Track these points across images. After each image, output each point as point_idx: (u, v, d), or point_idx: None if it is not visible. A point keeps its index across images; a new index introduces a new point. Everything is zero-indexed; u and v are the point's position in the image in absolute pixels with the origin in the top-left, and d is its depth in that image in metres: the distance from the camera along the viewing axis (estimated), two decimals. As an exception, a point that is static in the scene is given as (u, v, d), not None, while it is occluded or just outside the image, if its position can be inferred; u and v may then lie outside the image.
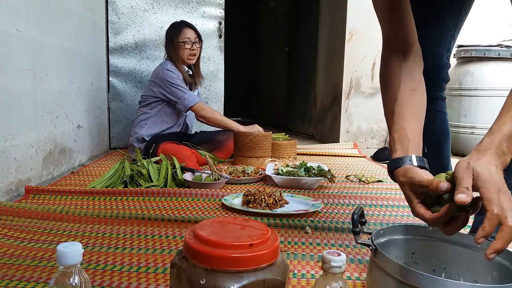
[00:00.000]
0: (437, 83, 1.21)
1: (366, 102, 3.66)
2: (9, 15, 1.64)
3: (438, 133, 1.22)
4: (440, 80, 1.22)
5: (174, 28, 2.54)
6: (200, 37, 2.56)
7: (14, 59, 1.69)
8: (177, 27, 2.53)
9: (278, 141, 2.63)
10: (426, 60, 1.12)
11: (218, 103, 3.44)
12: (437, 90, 1.22)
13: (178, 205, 1.61)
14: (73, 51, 2.38)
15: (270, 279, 0.57)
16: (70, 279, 0.60)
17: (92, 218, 1.40)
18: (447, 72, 1.23)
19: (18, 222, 1.35)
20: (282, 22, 5.52)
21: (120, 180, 1.85)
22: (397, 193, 1.91)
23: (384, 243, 0.84)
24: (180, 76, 2.47)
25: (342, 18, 3.65)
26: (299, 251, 1.16)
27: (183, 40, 2.48)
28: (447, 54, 1.21)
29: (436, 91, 1.21)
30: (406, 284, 0.67)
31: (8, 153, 1.64)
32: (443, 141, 1.23)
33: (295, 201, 1.65)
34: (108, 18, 3.13)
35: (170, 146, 2.30)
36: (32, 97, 1.86)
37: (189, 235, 0.61)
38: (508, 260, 0.75)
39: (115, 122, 3.20)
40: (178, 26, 2.54)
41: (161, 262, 1.06)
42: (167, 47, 2.55)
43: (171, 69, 2.45)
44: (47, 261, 1.04)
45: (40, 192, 1.69)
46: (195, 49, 2.52)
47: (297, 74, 5.04)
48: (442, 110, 1.24)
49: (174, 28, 2.54)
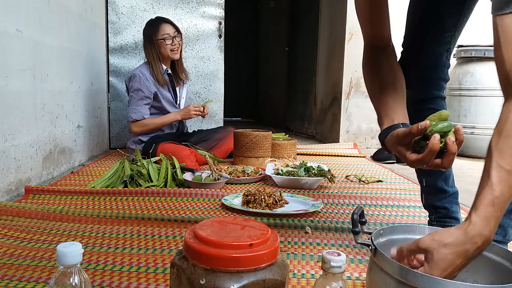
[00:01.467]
0: (435, 81, 1.21)
1: (366, 102, 3.66)
2: (9, 15, 1.64)
3: None
4: (438, 79, 1.21)
5: (152, 26, 2.49)
6: (179, 31, 2.52)
7: (14, 59, 1.69)
8: (154, 25, 2.48)
9: (278, 141, 2.63)
10: (424, 59, 1.18)
11: (218, 103, 3.44)
12: (436, 89, 1.21)
13: (178, 205, 1.61)
14: (73, 51, 2.38)
15: (270, 279, 0.57)
16: (70, 279, 0.60)
17: (92, 218, 1.40)
18: (447, 71, 1.22)
19: (18, 222, 1.35)
20: (282, 22, 5.52)
21: (120, 180, 1.85)
22: (397, 193, 1.91)
23: (384, 243, 0.83)
24: (147, 85, 2.41)
25: (342, 18, 3.65)
26: (299, 251, 1.16)
27: (163, 37, 2.44)
28: (446, 54, 1.20)
29: (435, 90, 1.21)
30: (406, 284, 0.67)
31: (8, 153, 1.64)
32: None
33: (295, 201, 1.65)
34: (108, 18, 3.13)
35: (169, 146, 2.30)
36: (32, 97, 1.86)
37: (189, 235, 0.61)
38: (508, 260, 0.75)
39: (115, 122, 3.20)
40: (155, 23, 2.49)
41: (161, 262, 1.06)
42: (146, 47, 2.49)
43: (141, 77, 2.40)
44: (47, 261, 1.04)
45: (40, 192, 1.69)
46: (176, 44, 2.48)
47: (297, 74, 5.04)
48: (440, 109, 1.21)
49: (152, 26, 2.49)
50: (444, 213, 1.25)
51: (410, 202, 1.75)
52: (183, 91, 2.67)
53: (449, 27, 1.18)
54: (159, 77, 2.45)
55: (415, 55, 1.20)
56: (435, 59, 1.19)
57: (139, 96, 2.40)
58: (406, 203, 1.73)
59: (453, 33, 1.19)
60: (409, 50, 1.23)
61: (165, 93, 2.51)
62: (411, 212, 1.61)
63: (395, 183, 2.15)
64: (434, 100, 1.21)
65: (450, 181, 1.25)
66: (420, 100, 1.21)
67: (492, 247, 0.79)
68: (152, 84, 2.44)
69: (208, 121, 3.36)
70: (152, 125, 2.44)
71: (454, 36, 1.20)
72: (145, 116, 2.41)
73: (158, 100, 2.47)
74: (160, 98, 2.48)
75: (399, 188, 2.02)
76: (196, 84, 3.36)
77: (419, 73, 1.21)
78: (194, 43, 3.32)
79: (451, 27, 1.18)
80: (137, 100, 2.41)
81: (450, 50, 1.21)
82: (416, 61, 1.20)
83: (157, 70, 2.46)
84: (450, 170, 1.24)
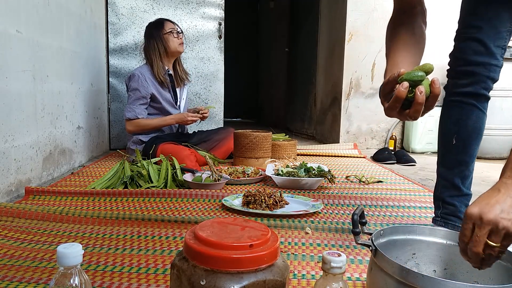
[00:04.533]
0: (483, 80, 1.14)
1: (366, 102, 3.66)
2: (9, 16, 1.64)
3: (470, 129, 1.18)
4: (487, 78, 1.14)
5: (157, 24, 2.53)
6: (181, 30, 2.57)
7: (14, 60, 1.69)
8: (159, 22, 2.54)
9: (278, 142, 2.63)
10: (476, 55, 1.12)
11: (218, 103, 3.44)
12: (482, 88, 1.15)
13: (178, 206, 1.61)
14: (73, 52, 2.38)
15: (270, 280, 0.57)
16: (70, 280, 0.60)
17: (92, 219, 1.40)
18: (499, 71, 1.15)
19: (18, 223, 1.35)
20: (282, 22, 5.52)
21: (120, 181, 1.85)
22: (397, 194, 1.91)
23: (384, 244, 0.83)
24: (145, 85, 2.42)
25: (342, 18, 3.65)
26: (299, 251, 1.16)
27: (170, 30, 2.49)
28: (501, 52, 1.13)
29: (481, 89, 1.15)
30: (406, 284, 0.67)
31: (8, 154, 1.64)
32: (473, 139, 1.19)
33: (295, 202, 1.65)
34: (108, 19, 3.13)
35: (169, 146, 2.31)
36: (32, 98, 1.86)
37: (189, 236, 0.61)
38: (508, 260, 0.75)
39: (115, 123, 3.20)
40: (158, 21, 2.55)
41: (161, 263, 1.06)
42: (149, 46, 2.50)
43: (140, 77, 2.42)
44: (47, 262, 1.04)
45: (40, 193, 1.69)
46: (181, 38, 2.53)
47: (297, 75, 5.04)
48: (482, 109, 1.18)
49: (157, 24, 2.53)
50: (452, 210, 1.23)
51: (410, 202, 1.75)
52: (184, 92, 2.67)
53: (503, 22, 1.11)
54: (161, 76, 2.46)
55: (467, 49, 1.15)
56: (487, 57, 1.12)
57: (136, 96, 2.42)
58: (407, 204, 1.72)
59: (510, 28, 1.12)
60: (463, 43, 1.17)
61: (165, 93, 2.51)
62: (411, 213, 1.61)
63: (395, 184, 2.15)
64: (477, 97, 1.16)
65: (467, 182, 1.22)
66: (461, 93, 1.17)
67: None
68: (151, 85, 2.44)
69: (208, 121, 3.35)
70: (146, 126, 2.44)
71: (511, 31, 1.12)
72: (139, 116, 2.41)
73: (158, 101, 2.47)
74: (160, 99, 2.48)
75: (399, 189, 2.02)
76: (196, 85, 3.36)
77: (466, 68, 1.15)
78: (194, 43, 3.32)
79: (505, 22, 1.11)
80: (133, 100, 2.42)
81: (505, 47, 1.14)
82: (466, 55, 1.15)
83: (159, 69, 2.47)
84: (470, 172, 1.22)
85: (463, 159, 1.19)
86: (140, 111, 2.42)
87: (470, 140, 1.18)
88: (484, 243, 0.70)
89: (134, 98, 2.42)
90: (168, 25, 2.51)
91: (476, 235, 0.70)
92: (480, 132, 1.19)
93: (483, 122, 1.19)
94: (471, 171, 1.21)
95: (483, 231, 0.70)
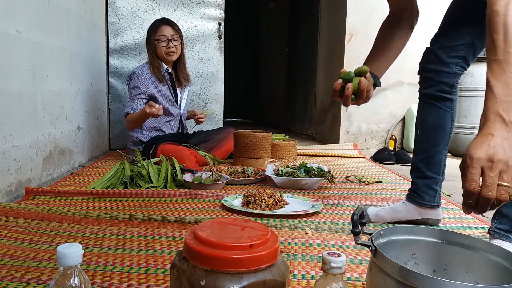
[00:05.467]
0: (436, 84, 1.32)
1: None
2: (9, 16, 1.64)
3: (431, 124, 1.35)
4: (440, 82, 1.31)
5: (152, 26, 2.53)
6: (179, 34, 2.53)
7: (14, 60, 1.69)
8: (154, 25, 2.53)
9: (278, 142, 2.63)
10: (429, 63, 1.32)
11: (218, 103, 3.44)
12: (437, 90, 1.32)
13: (178, 206, 1.61)
14: (73, 52, 2.38)
15: (270, 280, 0.57)
16: (70, 280, 0.60)
17: (92, 219, 1.40)
18: (453, 77, 1.30)
19: (18, 223, 1.35)
20: (282, 22, 5.52)
21: (120, 181, 1.85)
22: (397, 194, 1.91)
23: (384, 244, 0.83)
24: (144, 83, 2.43)
25: (342, 18, 3.65)
26: (299, 252, 1.16)
27: (158, 38, 2.47)
28: (457, 61, 1.28)
29: (435, 91, 1.32)
30: (406, 285, 0.67)
31: (8, 154, 1.64)
32: (434, 132, 1.34)
33: (295, 202, 1.65)
34: (108, 19, 3.13)
35: (169, 147, 2.30)
36: (32, 98, 1.86)
37: (189, 236, 0.61)
38: (508, 260, 0.75)
39: (115, 123, 3.20)
40: (156, 23, 2.53)
41: (161, 263, 1.06)
42: (146, 46, 2.55)
43: (139, 75, 2.43)
44: (47, 262, 1.04)
45: (40, 193, 1.69)
46: (172, 47, 2.48)
47: (297, 75, 5.04)
48: (442, 107, 1.33)
49: (152, 26, 2.53)
50: (414, 187, 1.40)
51: (410, 202, 1.74)
52: (184, 92, 2.68)
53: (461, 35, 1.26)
54: (158, 74, 2.47)
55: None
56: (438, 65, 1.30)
57: (135, 93, 2.43)
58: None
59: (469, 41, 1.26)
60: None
61: (165, 91, 2.51)
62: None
63: (395, 184, 2.15)
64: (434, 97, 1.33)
65: (433, 167, 1.35)
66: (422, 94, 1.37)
67: (492, 247, 0.79)
68: (151, 83, 2.45)
69: (208, 122, 3.35)
70: (132, 119, 2.37)
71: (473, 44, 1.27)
72: (135, 109, 2.39)
73: (157, 100, 2.48)
74: (160, 98, 2.48)
75: (399, 189, 2.02)
76: (196, 85, 3.36)
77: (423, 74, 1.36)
78: (194, 44, 3.32)
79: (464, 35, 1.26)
80: (133, 96, 2.43)
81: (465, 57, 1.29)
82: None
83: (156, 67, 2.49)
84: (437, 160, 1.35)
85: (425, 148, 1.37)
86: (138, 105, 2.41)
87: (432, 133, 1.35)
88: (497, 185, 0.70)
89: (134, 94, 2.44)
90: (160, 31, 2.47)
91: (488, 178, 0.70)
92: (441, 127, 1.34)
93: (445, 119, 1.34)
94: (437, 160, 1.35)
95: (495, 172, 0.70)
